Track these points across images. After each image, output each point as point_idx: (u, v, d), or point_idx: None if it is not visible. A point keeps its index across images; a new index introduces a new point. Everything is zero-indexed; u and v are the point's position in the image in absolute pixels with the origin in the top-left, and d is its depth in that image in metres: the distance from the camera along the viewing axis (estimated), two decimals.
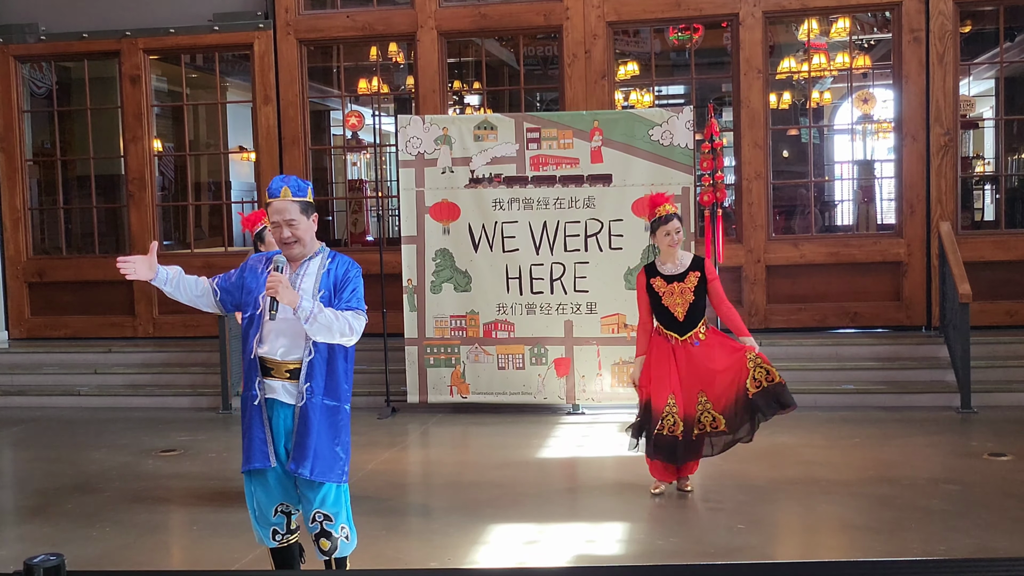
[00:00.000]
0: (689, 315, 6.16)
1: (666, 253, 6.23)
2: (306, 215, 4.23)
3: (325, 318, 4.02)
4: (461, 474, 7.07)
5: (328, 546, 4.27)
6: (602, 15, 10.27)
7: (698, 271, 6.18)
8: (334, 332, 4.05)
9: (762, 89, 10.14)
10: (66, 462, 7.87)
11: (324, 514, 4.24)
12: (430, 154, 9.04)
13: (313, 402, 4.17)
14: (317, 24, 10.86)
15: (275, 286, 4.00)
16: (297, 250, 4.24)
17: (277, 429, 4.24)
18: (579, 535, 5.74)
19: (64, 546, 5.52)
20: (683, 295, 6.15)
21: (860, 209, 13.60)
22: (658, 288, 6.20)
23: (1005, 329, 9.66)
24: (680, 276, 6.18)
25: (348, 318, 4.09)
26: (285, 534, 4.39)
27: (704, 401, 6.14)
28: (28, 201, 11.57)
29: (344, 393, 4.26)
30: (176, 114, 13.58)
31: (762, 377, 6.05)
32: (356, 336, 4.13)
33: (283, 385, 4.21)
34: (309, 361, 4.16)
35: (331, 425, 4.22)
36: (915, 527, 5.67)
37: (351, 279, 4.23)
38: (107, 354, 10.79)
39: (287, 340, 4.19)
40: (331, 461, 4.20)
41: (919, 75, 9.87)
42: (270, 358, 4.22)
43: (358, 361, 10.17)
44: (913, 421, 8.32)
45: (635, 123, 8.84)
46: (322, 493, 4.23)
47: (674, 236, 6.16)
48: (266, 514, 4.34)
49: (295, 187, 4.24)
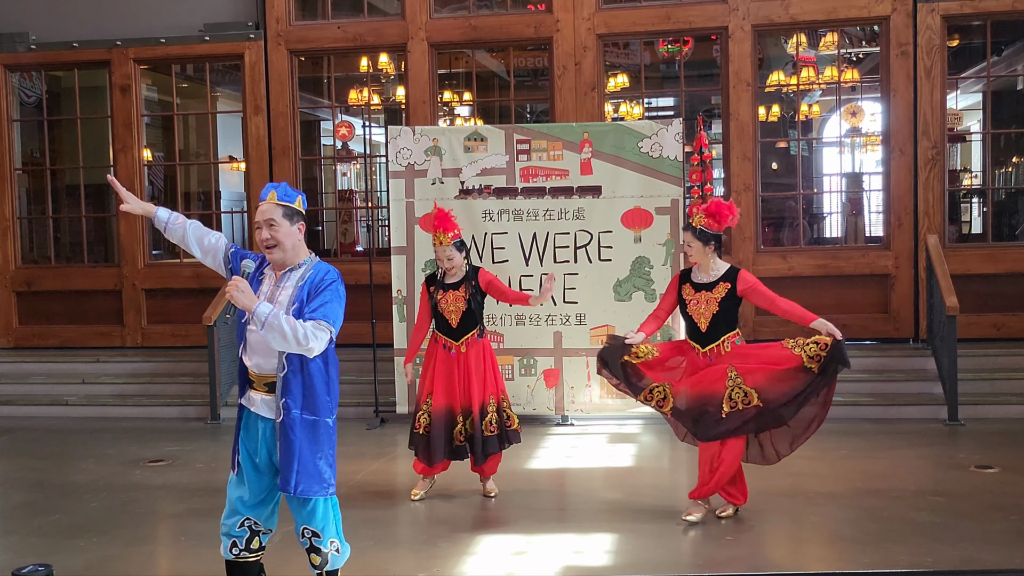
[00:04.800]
0: (712, 326, 5.96)
1: (700, 261, 6.08)
2: (289, 220, 4.19)
3: (279, 325, 3.92)
4: (450, 485, 7.06)
5: (319, 560, 4.25)
6: (592, 27, 10.31)
7: (728, 282, 5.98)
8: (288, 340, 3.94)
9: (751, 102, 10.19)
10: (54, 472, 7.85)
11: (312, 531, 4.22)
12: (420, 165, 9.06)
13: (291, 417, 4.10)
14: (308, 34, 10.88)
15: (231, 289, 3.95)
16: (277, 255, 4.19)
17: (258, 442, 4.21)
18: (567, 546, 5.74)
19: (52, 556, 5.49)
20: (708, 305, 5.97)
21: (848, 221, 13.65)
22: (686, 296, 6.07)
23: (992, 341, 9.71)
24: (709, 286, 6.01)
25: (307, 328, 3.96)
26: (243, 550, 4.32)
27: (735, 376, 5.88)
28: (17, 210, 11.54)
29: (324, 406, 4.17)
30: (166, 123, 13.56)
31: (815, 350, 5.78)
32: (315, 348, 4.00)
33: (262, 399, 4.19)
34: (283, 376, 4.11)
35: (312, 440, 4.14)
36: (902, 539, 5.68)
37: (324, 290, 4.11)
38: (95, 364, 10.77)
39: (260, 355, 4.17)
40: (314, 476, 4.14)
41: (907, 89, 9.93)
42: (252, 371, 4.21)
43: (347, 372, 10.16)
44: (900, 433, 8.35)
45: (625, 135, 8.87)
46: (308, 508, 4.20)
47: (687, 248, 6.11)
48: (230, 516, 4.29)
49: (283, 192, 4.23)
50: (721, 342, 5.98)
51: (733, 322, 6.03)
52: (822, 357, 5.77)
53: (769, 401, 5.84)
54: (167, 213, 4.49)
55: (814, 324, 5.86)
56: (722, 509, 6.18)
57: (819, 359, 5.78)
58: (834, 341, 5.76)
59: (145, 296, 11.07)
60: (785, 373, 5.85)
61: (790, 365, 5.84)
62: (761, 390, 5.86)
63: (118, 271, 11.19)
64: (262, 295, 4.18)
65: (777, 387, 5.85)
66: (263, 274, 4.30)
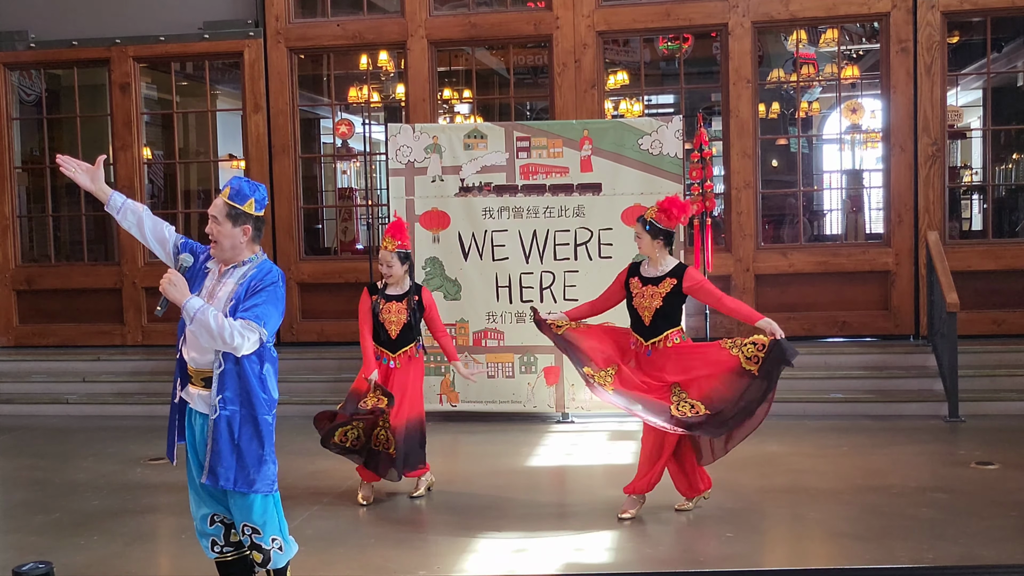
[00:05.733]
0: (655, 321, 5.99)
1: (648, 254, 6.12)
2: (232, 221, 4.14)
3: (207, 321, 3.93)
4: (450, 483, 7.07)
5: (260, 558, 4.24)
6: (592, 25, 10.31)
7: (675, 278, 5.99)
8: (215, 337, 3.95)
9: (751, 99, 10.18)
10: (54, 470, 7.85)
11: (251, 527, 4.20)
12: (420, 163, 9.05)
13: (225, 413, 4.10)
14: (307, 32, 10.87)
15: (164, 282, 3.98)
16: (216, 251, 4.19)
17: (197, 439, 4.21)
18: (568, 543, 5.74)
19: (52, 554, 5.48)
20: (652, 299, 6.00)
21: (848, 219, 13.64)
22: (633, 288, 6.10)
23: (992, 338, 9.70)
24: (656, 280, 6.04)
25: (235, 326, 3.96)
26: (224, 546, 4.33)
27: (679, 391, 5.89)
28: (17, 209, 11.53)
29: (261, 403, 4.14)
30: (166, 122, 13.55)
31: (752, 351, 5.78)
32: (242, 347, 3.98)
33: (199, 394, 4.18)
34: (219, 373, 4.10)
35: (249, 436, 4.12)
36: (903, 535, 5.68)
37: (261, 291, 4.10)
38: (96, 362, 10.76)
39: (196, 350, 4.15)
40: (251, 471, 4.12)
41: (907, 85, 9.92)
42: (189, 365, 4.20)
43: (347, 370, 10.15)
44: (901, 430, 8.35)
45: (625, 132, 8.86)
46: (246, 504, 4.18)
47: (637, 239, 6.15)
48: (201, 522, 4.32)
49: (234, 191, 4.18)
50: (664, 337, 6.00)
51: (676, 318, 6.06)
52: (760, 358, 5.76)
53: (715, 410, 5.79)
54: (122, 198, 4.38)
55: (759, 323, 5.86)
56: (682, 504, 6.25)
57: (757, 360, 5.77)
58: (772, 341, 5.74)
59: (145, 294, 11.06)
60: (727, 378, 5.83)
61: (729, 368, 5.83)
62: (707, 400, 5.82)
63: (118, 269, 11.19)
64: (204, 289, 4.18)
65: (722, 394, 5.81)
66: (207, 268, 4.27)
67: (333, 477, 7.16)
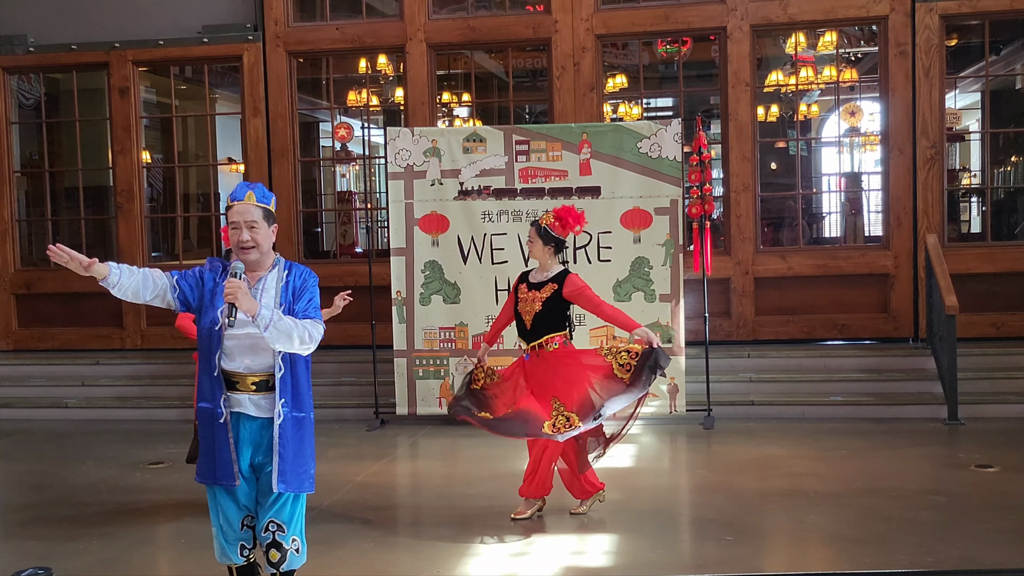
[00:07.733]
0: (535, 324, 6.07)
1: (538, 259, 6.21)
2: (267, 222, 4.19)
3: (284, 325, 3.97)
4: (450, 486, 7.06)
5: (277, 557, 4.22)
6: (591, 28, 10.31)
7: (556, 284, 6.08)
8: (294, 339, 3.99)
9: (750, 102, 10.19)
10: (53, 475, 7.85)
11: (278, 523, 4.21)
12: (419, 166, 9.06)
13: (292, 416, 4.15)
14: (306, 36, 10.87)
15: (234, 292, 3.93)
16: (254, 256, 4.16)
17: (243, 442, 4.19)
18: (567, 547, 5.75)
19: (52, 559, 5.49)
20: (533, 304, 6.09)
21: (847, 221, 13.65)
22: (520, 294, 6.20)
23: (992, 341, 9.71)
24: (539, 285, 6.14)
25: (307, 326, 4.05)
26: (252, 549, 4.34)
27: (558, 405, 5.95)
28: (16, 213, 11.53)
29: (307, 403, 4.24)
30: (165, 126, 13.55)
31: (626, 359, 5.92)
32: (314, 344, 4.08)
33: (249, 398, 4.17)
34: (281, 377, 4.13)
35: (299, 437, 4.20)
36: (903, 538, 5.68)
37: (307, 288, 4.20)
38: (95, 366, 10.76)
39: (252, 355, 4.14)
40: (301, 472, 4.21)
41: (905, 88, 9.93)
42: (235, 372, 4.16)
43: (347, 373, 10.15)
44: (900, 432, 8.35)
45: (624, 135, 8.87)
46: (281, 501, 4.20)
47: (528, 243, 6.24)
48: (234, 528, 4.30)
49: (260, 193, 4.22)
50: (544, 341, 6.08)
51: (559, 323, 6.11)
52: (632, 366, 5.89)
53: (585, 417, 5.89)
54: (117, 276, 4.16)
55: (635, 332, 5.99)
56: (576, 507, 6.31)
57: (629, 368, 5.90)
58: (646, 349, 5.88)
59: None
60: (600, 384, 5.94)
61: (602, 374, 5.96)
62: (581, 411, 5.90)
63: None
64: None
65: (595, 400, 5.92)
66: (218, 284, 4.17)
67: (332, 481, 7.16)
